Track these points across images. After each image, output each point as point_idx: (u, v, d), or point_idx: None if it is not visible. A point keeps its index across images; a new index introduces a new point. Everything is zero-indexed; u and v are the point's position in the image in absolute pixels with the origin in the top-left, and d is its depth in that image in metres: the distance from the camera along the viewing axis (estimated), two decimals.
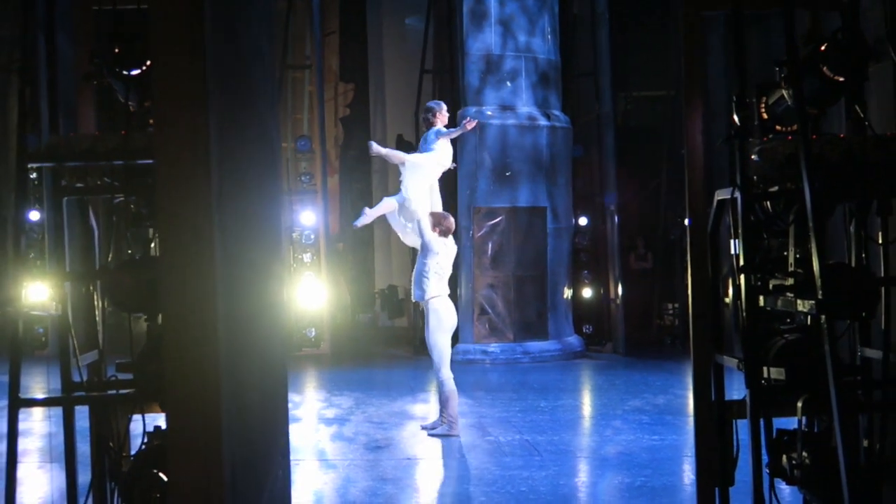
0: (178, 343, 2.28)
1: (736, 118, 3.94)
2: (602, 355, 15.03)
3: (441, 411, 9.11)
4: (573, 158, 15.31)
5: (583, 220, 15.57)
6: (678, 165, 8.12)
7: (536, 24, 14.62)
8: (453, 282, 14.81)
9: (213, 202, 2.33)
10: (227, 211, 2.56)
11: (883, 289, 3.93)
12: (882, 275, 3.95)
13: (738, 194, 3.91)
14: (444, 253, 9.05)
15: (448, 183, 15.67)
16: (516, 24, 14.52)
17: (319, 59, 15.49)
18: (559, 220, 14.69)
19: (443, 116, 9.50)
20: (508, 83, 14.44)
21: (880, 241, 3.99)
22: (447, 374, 9.04)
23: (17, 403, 3.36)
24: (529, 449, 8.64)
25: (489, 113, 14.40)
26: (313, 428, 9.86)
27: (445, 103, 15.70)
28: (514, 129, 14.39)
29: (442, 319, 9.02)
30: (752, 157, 3.88)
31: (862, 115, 3.85)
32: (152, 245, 3.29)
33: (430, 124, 9.46)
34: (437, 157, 9.32)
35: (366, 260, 18.91)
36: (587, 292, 15.58)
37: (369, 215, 9.62)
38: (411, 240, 9.41)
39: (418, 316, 15.33)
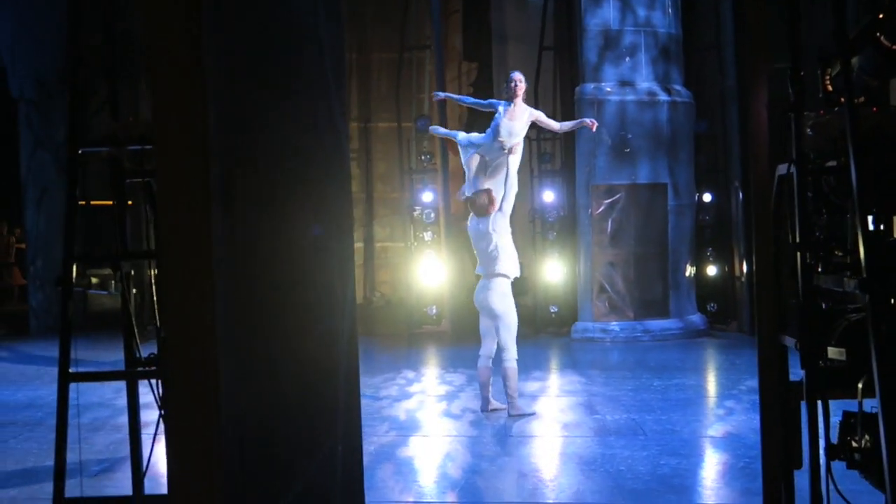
0: (174, 330, 2.36)
1: (791, 91, 3.82)
2: (726, 334, 14.71)
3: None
4: (697, 134, 14.99)
5: (707, 197, 15.22)
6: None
7: None
8: (572, 260, 14.79)
9: (214, 188, 2.40)
10: (241, 196, 2.64)
11: None
12: None
13: (793, 170, 3.80)
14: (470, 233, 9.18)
15: (566, 161, 15.62)
16: None
17: (438, 39, 15.57)
18: (681, 196, 14.42)
19: (510, 90, 9.42)
20: (627, 58, 14.23)
21: None
22: (481, 350, 9.09)
23: (67, 378, 3.55)
24: (635, 428, 8.57)
25: (608, 89, 14.23)
26: (420, 404, 10.00)
27: (564, 80, 15.65)
28: (633, 105, 14.18)
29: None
30: (807, 131, 3.75)
31: None
32: None
33: (510, 98, 9.42)
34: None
35: None
36: (711, 270, 15.26)
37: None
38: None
39: (538, 294, 15.32)
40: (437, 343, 14.39)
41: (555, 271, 14.84)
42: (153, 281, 3.80)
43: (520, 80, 9.45)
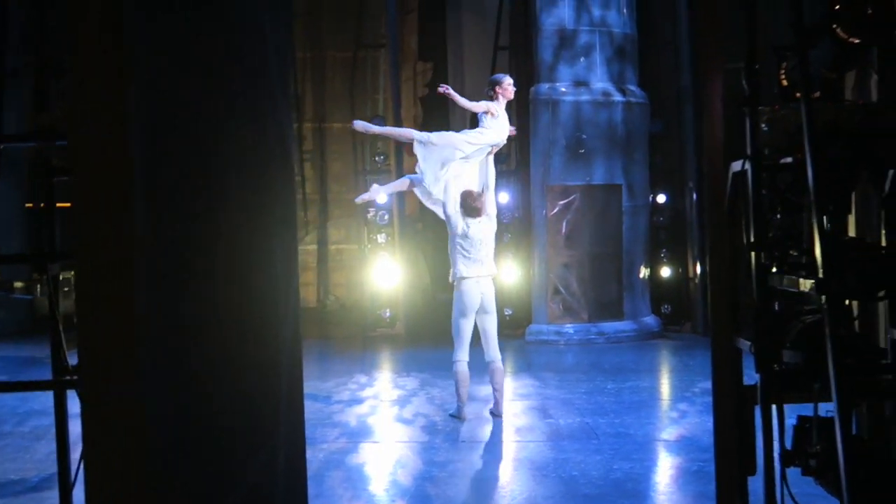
0: (90, 334, 2.19)
1: (746, 85, 3.70)
2: (680, 335, 14.68)
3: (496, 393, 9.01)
4: (652, 134, 14.94)
5: (661, 198, 15.17)
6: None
7: None
8: (527, 262, 14.67)
9: (135, 181, 2.23)
10: (168, 190, 2.47)
11: None
12: None
13: (748, 166, 3.68)
14: (465, 234, 8.83)
15: (521, 161, 15.51)
16: None
17: (394, 38, 15.40)
18: (635, 197, 14.36)
19: (504, 90, 9.16)
20: (582, 58, 14.15)
21: None
22: (458, 355, 8.88)
23: None
24: (588, 432, 8.47)
25: (563, 89, 14.14)
26: (372, 409, 9.83)
27: (519, 80, 15.51)
28: (588, 106, 14.10)
29: (459, 301, 8.87)
30: (762, 126, 3.64)
31: (879, 79, 3.57)
32: None
33: (492, 98, 9.17)
34: (490, 134, 9.08)
35: (446, 239, 18.79)
36: (666, 271, 15.22)
37: (380, 191, 9.62)
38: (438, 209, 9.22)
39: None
40: (391, 346, 14.22)
41: (509, 273, 14.70)
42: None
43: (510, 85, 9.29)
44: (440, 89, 9.35)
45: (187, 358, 2.74)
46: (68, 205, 2.27)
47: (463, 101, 9.14)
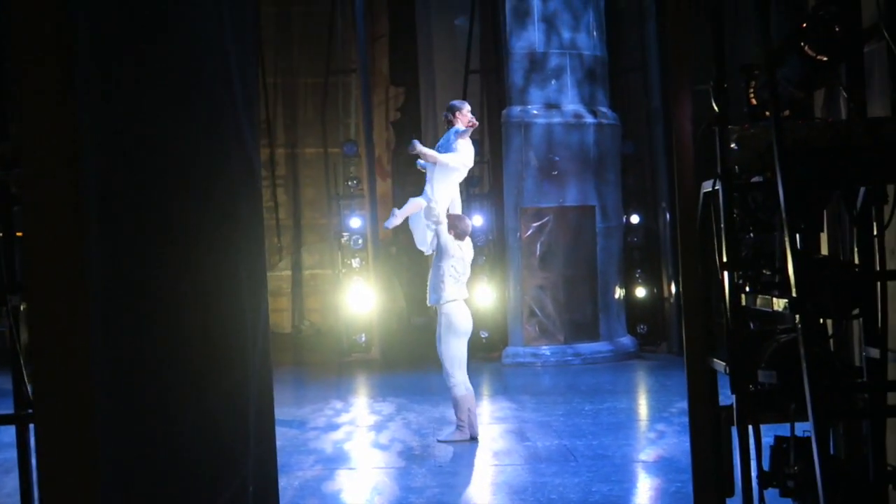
0: (44, 370, 2.12)
1: (714, 105, 3.68)
2: (656, 355, 14.68)
3: (457, 416, 8.99)
4: (624, 155, 15.00)
5: (634, 218, 15.21)
6: None
7: (581, 20, 14.34)
8: (502, 284, 14.64)
9: (88, 210, 2.17)
10: (125, 219, 2.41)
11: (879, 284, 3.64)
12: (879, 269, 3.65)
13: (719, 186, 3.66)
14: (459, 256, 8.91)
15: (494, 183, 15.51)
16: (560, 20, 14.25)
17: (364, 63, 15.40)
18: (609, 218, 14.38)
19: (463, 116, 9.23)
20: (553, 81, 14.18)
21: (875, 233, 3.70)
22: (461, 378, 8.88)
23: None
24: (566, 454, 8.41)
25: (534, 112, 14.16)
26: (348, 435, 9.73)
27: (491, 103, 15.55)
28: (559, 128, 14.12)
29: (454, 324, 8.87)
30: (732, 145, 3.62)
31: (848, 97, 3.56)
32: None
33: (451, 123, 9.22)
34: (462, 157, 9.10)
35: (420, 263, 18.76)
36: (640, 291, 15.23)
37: (399, 215, 9.45)
38: (426, 245, 9.26)
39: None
40: (366, 371, 14.12)
41: (485, 296, 14.66)
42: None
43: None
44: (411, 150, 9.45)
45: (148, 391, 2.67)
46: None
47: (428, 153, 9.23)
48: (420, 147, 9.27)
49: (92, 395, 2.13)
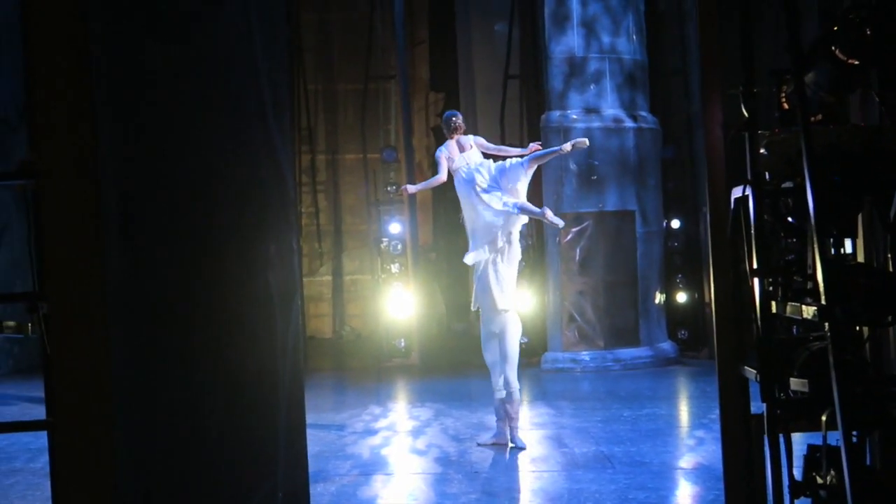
0: (63, 377, 2.13)
1: (744, 109, 3.65)
2: (697, 361, 14.54)
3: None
4: (664, 160, 14.89)
5: (675, 223, 15.10)
6: None
7: (621, 24, 14.27)
8: (541, 290, 14.60)
9: (108, 216, 2.19)
10: (148, 226, 2.44)
11: None
12: None
13: (749, 192, 3.62)
14: None
15: (533, 189, 15.46)
16: (600, 24, 14.19)
17: (403, 69, 15.43)
18: (649, 223, 14.29)
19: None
20: (592, 86, 14.12)
21: None
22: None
23: None
24: (603, 461, 8.36)
25: (574, 117, 14.11)
26: (386, 440, 9.75)
27: (530, 108, 15.53)
28: (599, 132, 14.04)
29: None
30: (762, 150, 3.58)
31: (879, 101, 3.51)
32: None
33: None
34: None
35: (460, 269, 18.74)
36: (681, 297, 15.10)
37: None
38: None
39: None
40: (405, 376, 14.14)
41: (524, 301, 14.61)
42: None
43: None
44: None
45: (173, 398, 2.69)
46: None
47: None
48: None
49: (111, 404, 2.14)
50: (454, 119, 9.17)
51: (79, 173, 2.13)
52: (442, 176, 9.03)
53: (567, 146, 9.14)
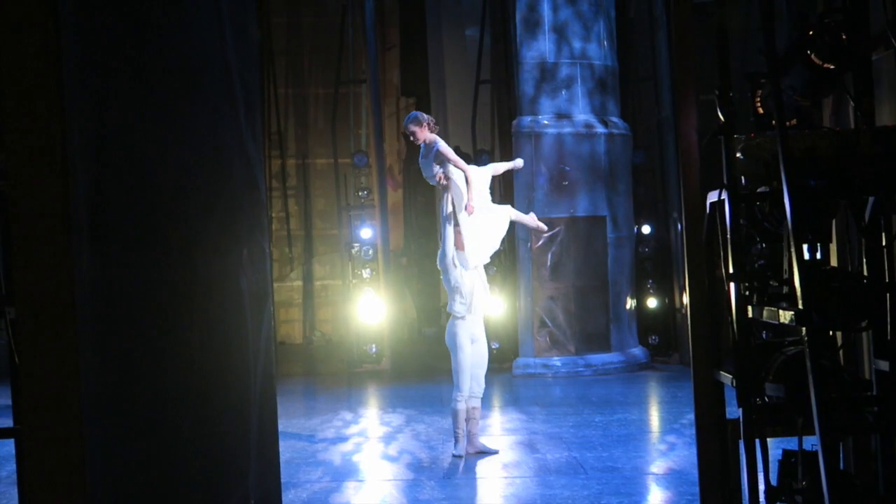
0: (30, 383, 2.08)
1: (720, 114, 3.63)
2: (668, 366, 14.58)
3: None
4: (635, 165, 14.94)
5: (646, 229, 15.14)
6: None
7: (592, 30, 14.30)
8: (512, 295, 14.59)
9: (76, 219, 2.13)
10: (117, 229, 2.38)
11: (888, 295, 3.58)
12: (888, 280, 3.59)
13: (725, 196, 3.61)
14: None
15: (505, 194, 15.46)
16: (571, 30, 14.21)
17: (374, 74, 15.38)
18: (620, 228, 14.31)
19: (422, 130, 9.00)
20: (564, 91, 14.14)
21: (884, 243, 3.64)
22: None
23: None
24: (576, 467, 8.34)
25: (545, 122, 14.11)
26: (357, 447, 9.68)
27: (502, 114, 15.51)
28: (570, 138, 14.07)
29: None
30: (737, 155, 3.57)
31: (855, 106, 3.50)
32: None
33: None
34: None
35: (432, 274, 18.72)
36: (652, 302, 15.15)
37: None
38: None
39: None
40: (376, 382, 14.08)
41: (495, 307, 14.59)
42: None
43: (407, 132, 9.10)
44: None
45: (144, 405, 2.64)
46: None
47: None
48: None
49: (80, 410, 2.09)
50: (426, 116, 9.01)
51: (48, 176, 2.07)
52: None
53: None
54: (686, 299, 14.27)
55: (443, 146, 8.79)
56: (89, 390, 2.15)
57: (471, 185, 8.83)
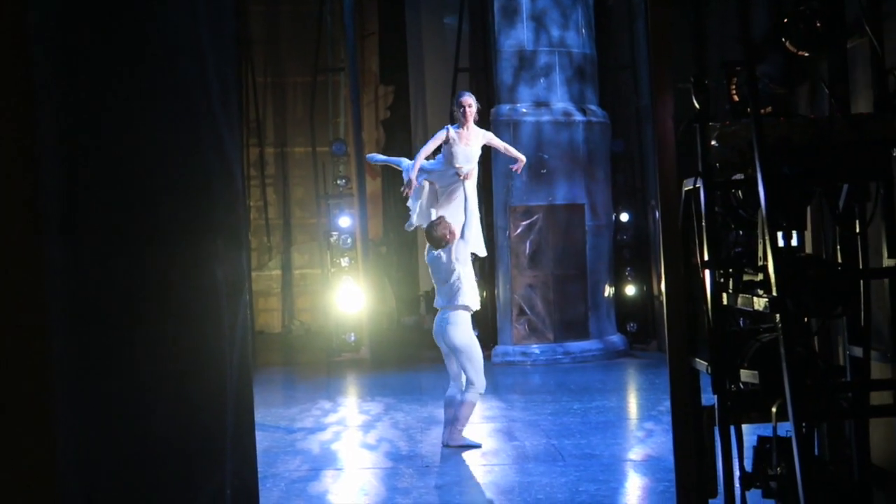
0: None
1: (695, 102, 3.64)
2: (646, 353, 14.63)
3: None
4: (614, 153, 14.96)
5: (624, 216, 15.18)
6: None
7: (570, 18, 14.29)
8: (491, 283, 14.61)
9: (48, 210, 2.12)
10: (90, 220, 2.36)
11: (862, 282, 3.60)
12: (861, 267, 3.61)
13: (700, 183, 3.62)
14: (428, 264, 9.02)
15: (484, 182, 15.47)
16: (549, 18, 14.20)
17: (353, 62, 15.34)
18: (598, 216, 14.34)
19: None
20: (542, 79, 14.13)
21: (857, 231, 3.66)
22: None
23: None
24: (554, 454, 8.37)
25: (523, 110, 14.11)
26: (336, 435, 9.68)
27: (480, 101, 15.50)
28: (549, 126, 14.08)
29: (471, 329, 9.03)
30: (713, 143, 3.58)
31: (830, 93, 3.52)
32: None
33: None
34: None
35: (410, 262, 18.73)
36: (630, 289, 15.20)
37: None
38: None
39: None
40: (356, 371, 14.07)
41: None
42: None
43: (469, 105, 8.97)
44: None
45: (118, 395, 2.62)
46: None
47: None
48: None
49: (51, 400, 2.07)
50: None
51: (16, 167, 2.05)
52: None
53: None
54: (663, 287, 14.36)
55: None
56: (61, 380, 2.14)
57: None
